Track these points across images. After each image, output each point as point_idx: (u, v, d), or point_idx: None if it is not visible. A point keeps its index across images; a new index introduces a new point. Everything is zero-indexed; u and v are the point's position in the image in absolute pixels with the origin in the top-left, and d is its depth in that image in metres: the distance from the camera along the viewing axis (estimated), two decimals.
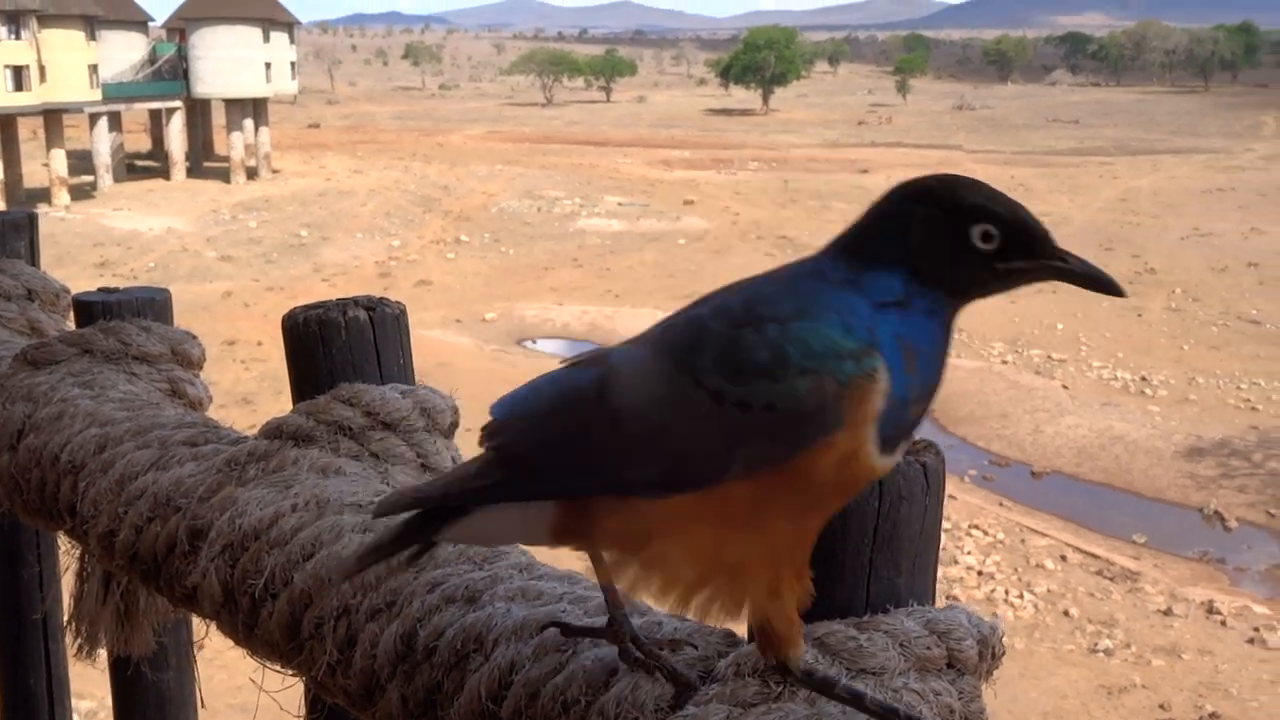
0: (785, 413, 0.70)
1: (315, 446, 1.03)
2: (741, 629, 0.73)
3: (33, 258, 1.79)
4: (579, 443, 0.77)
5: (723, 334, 0.73)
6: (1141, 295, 35.63)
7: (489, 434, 0.81)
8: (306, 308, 1.11)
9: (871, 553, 0.70)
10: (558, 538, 0.80)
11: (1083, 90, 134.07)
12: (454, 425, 1.09)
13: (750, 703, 0.65)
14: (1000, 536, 19.41)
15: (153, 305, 1.42)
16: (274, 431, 1.05)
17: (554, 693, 0.71)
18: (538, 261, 40.33)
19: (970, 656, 0.69)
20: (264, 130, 58.69)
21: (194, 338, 1.40)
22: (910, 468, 0.72)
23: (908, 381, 0.73)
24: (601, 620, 0.78)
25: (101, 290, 1.46)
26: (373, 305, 1.10)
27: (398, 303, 1.12)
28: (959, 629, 0.69)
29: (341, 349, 1.09)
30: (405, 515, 0.81)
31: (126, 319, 1.38)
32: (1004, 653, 0.71)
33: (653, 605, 0.78)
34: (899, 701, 0.65)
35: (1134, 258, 40.23)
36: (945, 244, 0.76)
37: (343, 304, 1.09)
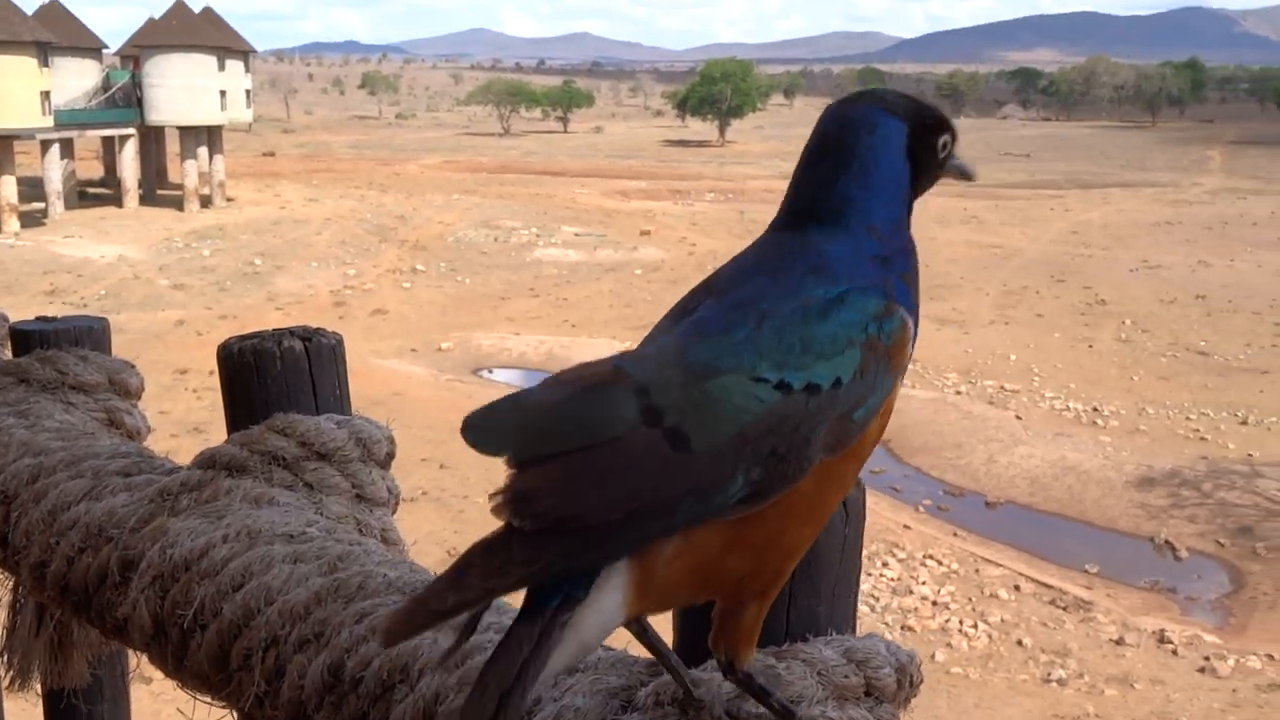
0: (850, 384, 0.71)
1: (249, 477, 1.02)
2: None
3: None
4: (644, 482, 0.68)
5: (767, 325, 0.71)
6: (1093, 326, 36.05)
7: (519, 498, 0.70)
8: (242, 338, 1.11)
9: (791, 582, 0.71)
10: (640, 603, 0.70)
11: (1034, 124, 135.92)
12: (390, 455, 1.09)
13: None
14: (955, 566, 19.47)
15: (90, 334, 1.41)
16: (207, 462, 1.04)
17: None
18: (494, 291, 40.25)
19: (888, 685, 0.70)
20: (218, 158, 58.31)
21: (132, 367, 1.39)
22: None
23: (917, 309, 0.77)
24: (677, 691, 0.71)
25: (39, 319, 1.44)
26: (309, 335, 1.10)
27: (334, 333, 1.12)
28: (877, 657, 0.69)
29: (277, 379, 1.09)
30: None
31: (64, 348, 1.37)
32: (922, 680, 0.72)
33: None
34: None
35: (1085, 289, 40.73)
36: (929, 159, 0.78)
37: (278, 334, 1.09)
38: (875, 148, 0.76)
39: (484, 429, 0.72)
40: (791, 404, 0.70)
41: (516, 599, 0.73)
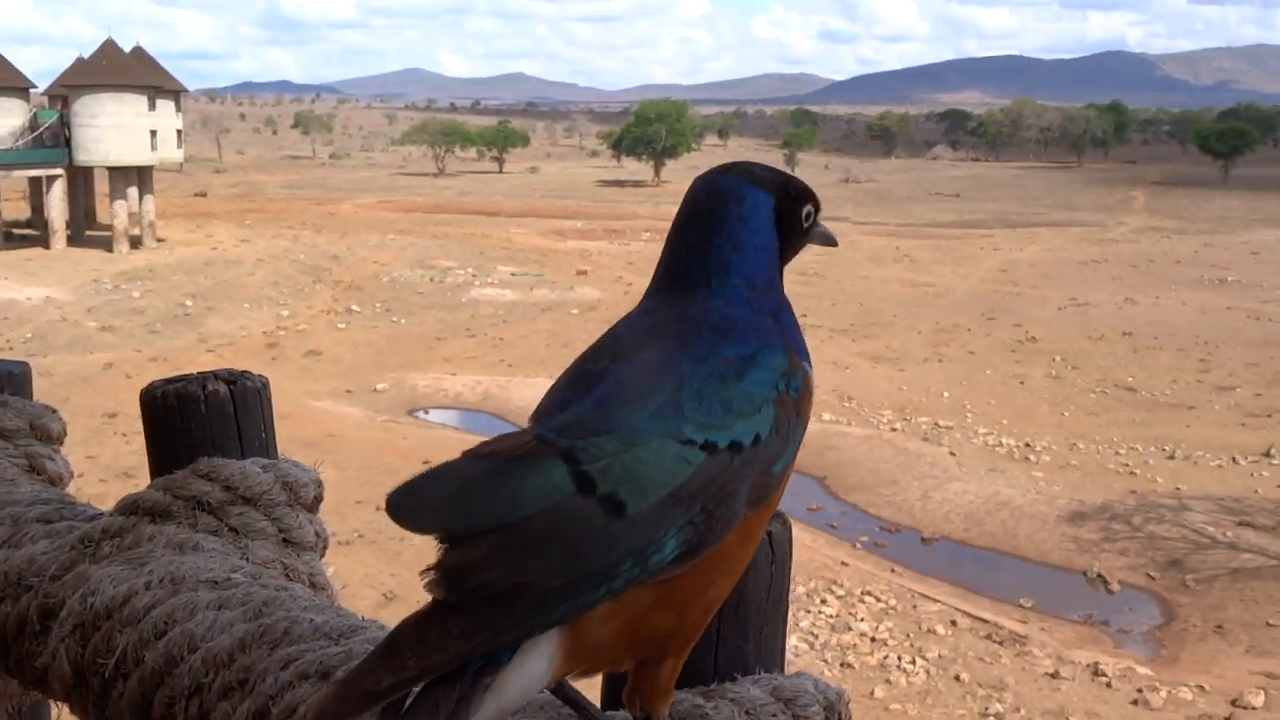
0: (768, 440, 0.72)
1: (172, 522, 1.01)
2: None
3: None
4: (582, 550, 0.68)
5: (687, 388, 0.72)
6: (1023, 363, 36.53)
7: (455, 573, 0.68)
8: (166, 381, 1.09)
9: (719, 622, 0.71)
10: (568, 664, 0.70)
11: (963, 165, 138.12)
12: (318, 499, 1.08)
13: None
14: (892, 603, 19.53)
15: (11, 379, 1.38)
16: (130, 507, 1.03)
17: None
18: (430, 331, 40.04)
19: None
20: (149, 198, 57.66)
21: (54, 412, 1.37)
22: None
23: (808, 378, 0.79)
24: None
25: None
26: (234, 379, 1.09)
27: (260, 376, 1.11)
28: (804, 695, 0.69)
29: (201, 423, 1.07)
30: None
31: None
32: (850, 718, 0.72)
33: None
34: None
35: (1015, 326, 41.30)
36: (794, 227, 0.81)
37: (203, 377, 1.08)
38: (745, 217, 0.78)
39: (410, 508, 0.70)
40: (718, 463, 0.70)
41: None
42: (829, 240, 0.87)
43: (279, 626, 0.84)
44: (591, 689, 0.78)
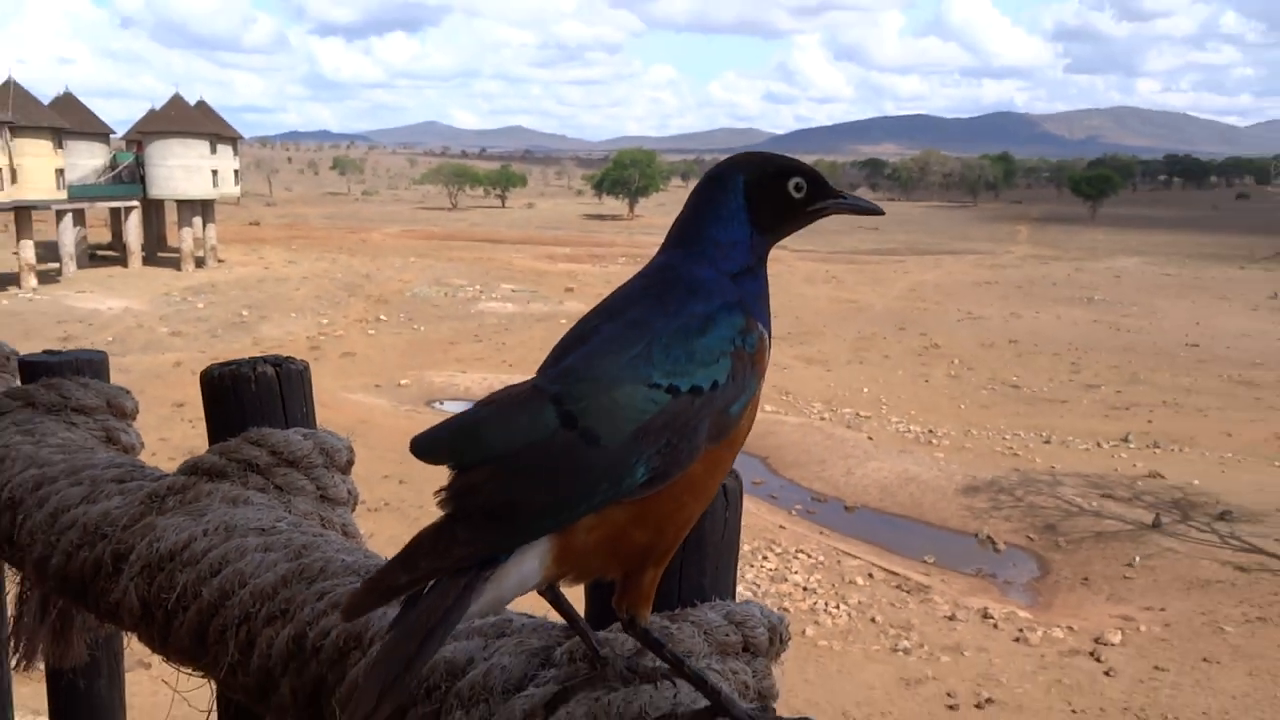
0: (725, 387, 0.73)
1: (227, 481, 0.99)
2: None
3: None
4: (564, 474, 0.69)
5: (661, 343, 0.73)
6: (928, 365, 36.71)
7: (461, 493, 0.69)
8: (222, 364, 1.07)
9: (681, 558, 0.70)
10: (558, 569, 0.70)
11: (881, 204, 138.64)
12: (349, 462, 1.06)
13: (580, 684, 0.64)
14: (821, 559, 19.57)
15: (91, 365, 1.36)
16: (191, 469, 1.01)
17: (420, 681, 0.68)
18: (445, 337, 39.89)
19: (762, 641, 0.69)
20: (211, 226, 57.20)
21: (127, 392, 1.34)
22: None
23: (770, 323, 0.80)
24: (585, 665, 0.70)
25: (46, 352, 1.39)
26: (279, 363, 1.07)
27: (301, 360, 1.09)
28: (753, 619, 0.68)
29: (251, 399, 1.05)
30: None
31: (67, 376, 1.32)
32: (790, 639, 0.71)
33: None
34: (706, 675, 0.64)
35: (922, 335, 41.50)
36: (772, 199, 0.80)
37: (253, 361, 1.06)
38: (720, 194, 0.79)
39: (427, 443, 0.71)
40: (681, 404, 0.71)
41: None
42: (861, 211, 0.86)
43: (315, 565, 0.82)
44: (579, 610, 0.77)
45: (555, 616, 0.76)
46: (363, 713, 0.64)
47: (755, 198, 0.80)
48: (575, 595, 0.75)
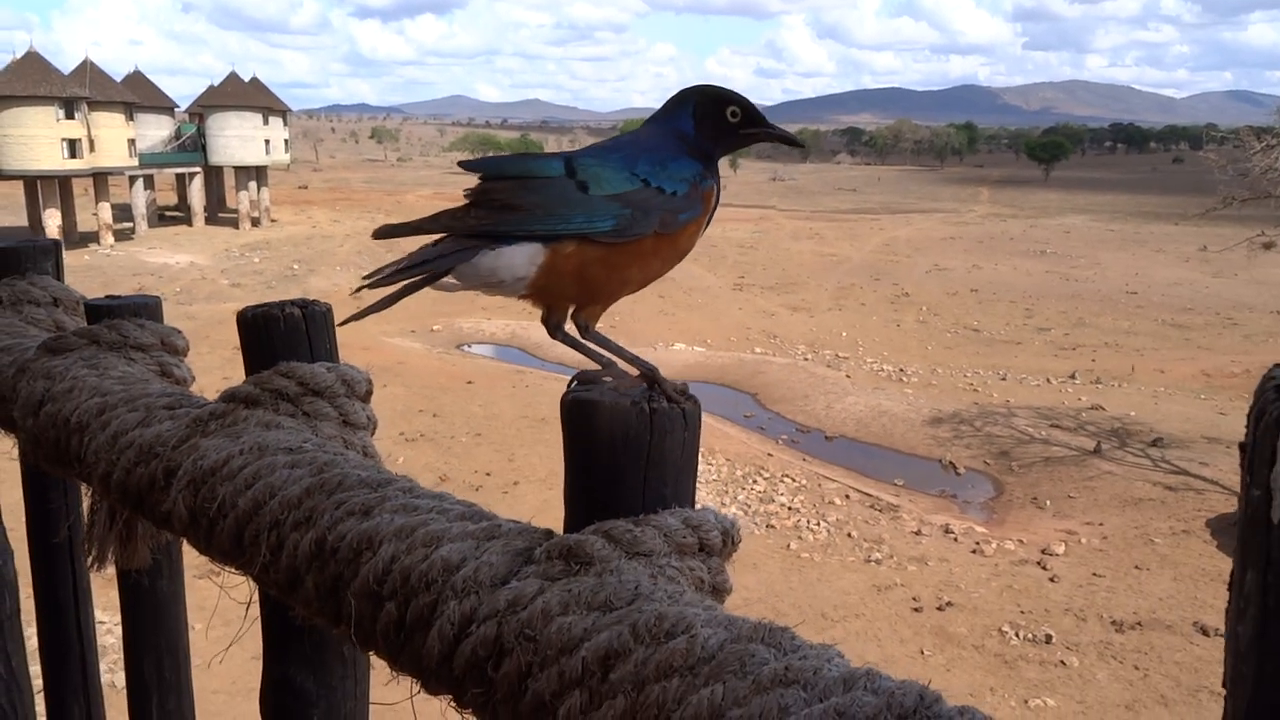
0: (679, 197, 0.87)
1: (260, 408, 1.00)
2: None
3: (58, 274, 1.71)
4: (557, 200, 0.82)
5: (645, 156, 0.87)
6: (899, 312, 36.61)
7: (482, 192, 0.83)
8: (254, 307, 1.08)
9: (645, 471, 0.71)
10: (541, 276, 0.83)
11: (859, 168, 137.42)
12: (369, 392, 1.07)
13: (555, 577, 0.65)
14: (803, 482, 19.69)
15: (146, 308, 1.37)
16: (229, 397, 1.02)
17: (419, 575, 0.70)
18: None
19: (716, 543, 0.70)
20: (264, 190, 56.87)
21: (179, 332, 1.35)
22: (673, 411, 0.72)
23: (719, 192, 0.92)
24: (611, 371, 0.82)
25: (108, 297, 1.40)
26: (305, 305, 1.08)
27: (325, 303, 1.10)
28: (707, 523, 0.69)
29: (281, 336, 1.06)
30: (424, 252, 0.82)
31: (126, 318, 1.33)
32: (740, 540, 0.72)
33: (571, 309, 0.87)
34: (663, 575, 0.66)
35: (894, 285, 41.35)
36: (713, 118, 0.91)
37: (281, 304, 1.07)
38: (677, 108, 0.92)
39: (474, 164, 0.85)
40: (647, 193, 0.85)
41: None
42: (784, 140, 0.97)
43: (334, 479, 0.84)
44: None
45: (539, 522, 0.78)
46: (379, 275, 0.81)
47: (700, 115, 0.91)
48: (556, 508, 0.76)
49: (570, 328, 0.88)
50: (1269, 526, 0.45)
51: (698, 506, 0.72)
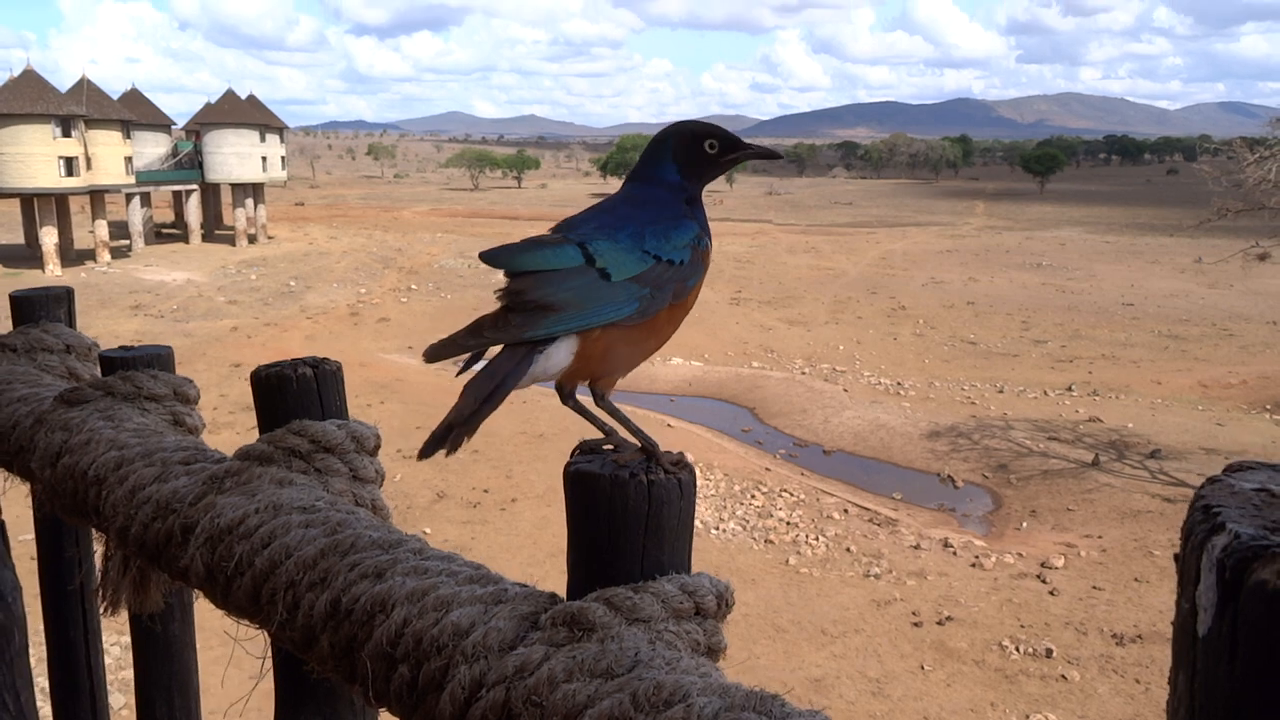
0: (686, 265, 0.90)
1: (274, 465, 1.04)
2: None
3: (71, 321, 1.75)
4: (587, 293, 0.85)
5: (650, 228, 0.90)
6: (896, 325, 36.64)
7: (515, 293, 0.85)
8: (267, 366, 1.12)
9: (644, 539, 0.75)
10: (577, 363, 0.86)
11: (855, 181, 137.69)
12: (377, 446, 1.11)
13: (560, 643, 0.69)
14: (802, 497, 19.65)
15: (159, 359, 1.41)
16: (244, 455, 1.06)
17: (431, 639, 0.74)
18: (469, 304, 39.82)
19: (711, 606, 0.73)
20: (261, 207, 56.94)
21: (190, 382, 1.39)
22: (669, 482, 0.76)
23: (709, 245, 0.96)
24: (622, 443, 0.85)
25: (121, 348, 1.44)
26: (317, 364, 1.12)
27: (336, 361, 1.14)
28: (702, 588, 0.73)
29: (293, 395, 1.10)
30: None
31: (140, 369, 1.37)
32: (734, 603, 0.76)
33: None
34: (661, 640, 0.70)
35: (891, 298, 41.39)
36: (693, 155, 0.96)
37: (295, 363, 1.11)
38: (660, 150, 0.96)
39: (491, 256, 0.88)
40: (660, 268, 0.89)
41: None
42: (763, 155, 0.99)
43: (347, 540, 0.87)
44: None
45: (553, 578, 0.82)
46: (463, 413, 0.81)
47: (682, 158, 0.95)
48: (559, 574, 0.81)
49: (583, 397, 0.91)
50: (1195, 639, 0.48)
51: (694, 571, 0.76)
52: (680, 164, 0.95)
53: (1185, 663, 0.50)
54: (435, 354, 0.85)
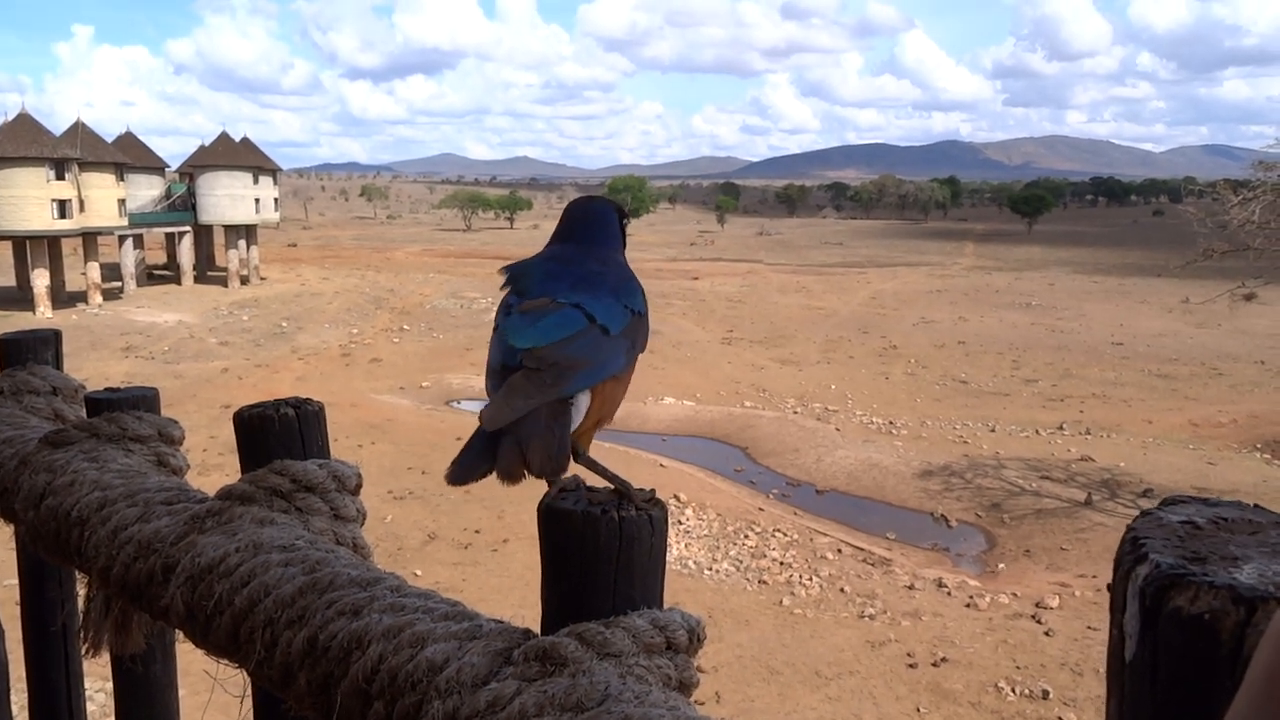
0: (645, 316, 0.99)
1: (255, 505, 1.05)
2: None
3: (58, 363, 1.76)
4: (600, 351, 0.92)
5: (621, 286, 0.98)
6: (888, 364, 36.76)
7: (542, 358, 0.90)
8: (250, 407, 1.13)
9: (615, 575, 0.76)
10: (593, 411, 0.91)
11: (844, 222, 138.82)
12: (359, 486, 1.12)
13: (532, 678, 0.70)
14: (795, 537, 19.58)
15: (145, 400, 1.42)
16: (225, 494, 1.07)
17: (405, 675, 0.75)
18: (461, 344, 39.85)
19: (682, 641, 0.75)
20: (254, 248, 57.13)
21: (175, 423, 1.40)
22: (640, 518, 0.78)
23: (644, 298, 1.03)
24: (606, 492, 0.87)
25: (107, 390, 1.45)
26: (299, 405, 1.13)
27: (317, 401, 1.15)
28: (674, 623, 0.74)
29: (276, 435, 1.11)
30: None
31: (125, 411, 1.38)
32: (706, 638, 0.77)
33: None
34: (631, 674, 0.71)
35: (882, 338, 41.57)
36: (619, 225, 1.07)
37: (277, 404, 1.12)
38: (608, 221, 1.06)
39: (529, 340, 0.92)
40: (637, 320, 0.97)
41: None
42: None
43: (326, 578, 0.88)
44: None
45: (518, 622, 0.83)
46: (546, 468, 0.83)
47: (623, 226, 1.08)
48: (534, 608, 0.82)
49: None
50: (1124, 664, 0.51)
51: (666, 606, 0.77)
52: (619, 233, 1.06)
53: (1116, 688, 0.53)
54: (494, 420, 0.86)
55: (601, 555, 0.74)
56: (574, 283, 0.97)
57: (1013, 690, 13.23)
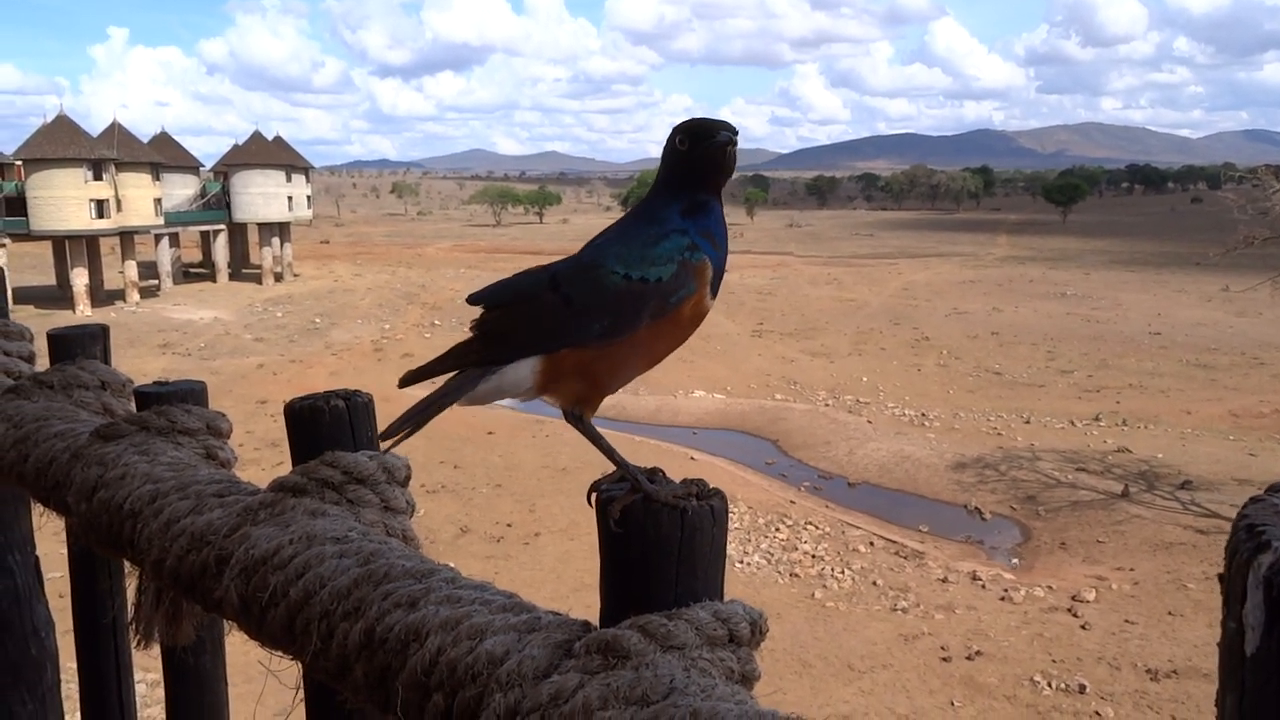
0: (667, 281, 0.89)
1: (307, 496, 1.05)
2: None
3: (105, 358, 1.78)
4: (542, 322, 0.89)
5: (625, 248, 0.90)
6: (920, 355, 36.47)
7: (480, 324, 0.92)
8: (301, 399, 1.13)
9: (677, 567, 0.75)
10: (544, 380, 0.90)
11: (875, 213, 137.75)
12: (408, 478, 1.12)
13: (594, 671, 0.69)
14: (827, 529, 19.54)
15: (193, 394, 1.43)
16: (278, 486, 1.07)
17: (465, 668, 0.74)
18: None
19: (745, 633, 0.73)
20: (287, 245, 57.76)
21: (223, 416, 1.41)
22: (702, 508, 0.76)
23: (717, 255, 0.93)
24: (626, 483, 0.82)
25: (155, 383, 1.46)
26: (349, 396, 1.13)
27: (367, 393, 1.15)
28: (736, 616, 0.73)
29: (326, 427, 1.11)
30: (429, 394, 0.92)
31: (174, 404, 1.39)
32: (768, 630, 0.76)
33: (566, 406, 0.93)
34: (695, 667, 0.70)
35: (914, 329, 41.25)
36: (674, 156, 0.94)
37: (327, 396, 1.12)
38: (665, 151, 0.95)
39: (474, 297, 0.93)
40: (632, 286, 0.88)
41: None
42: (725, 145, 0.92)
43: (381, 570, 0.88)
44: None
45: (578, 612, 0.82)
46: (394, 428, 0.89)
47: (668, 157, 0.94)
48: (592, 601, 0.81)
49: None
50: (1244, 658, 0.48)
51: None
52: (669, 168, 0.93)
53: (1234, 684, 0.50)
54: (409, 380, 0.92)
55: (663, 547, 0.73)
56: (586, 249, 0.93)
57: (1048, 684, 13.09)
